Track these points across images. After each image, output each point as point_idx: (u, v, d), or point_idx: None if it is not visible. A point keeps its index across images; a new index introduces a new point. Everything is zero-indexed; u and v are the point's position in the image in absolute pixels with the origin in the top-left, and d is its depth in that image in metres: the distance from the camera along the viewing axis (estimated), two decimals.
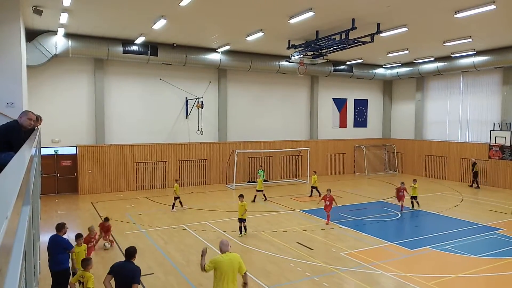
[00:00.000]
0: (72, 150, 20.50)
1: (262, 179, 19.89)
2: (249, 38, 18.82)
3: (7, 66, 11.95)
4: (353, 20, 15.56)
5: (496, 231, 13.83)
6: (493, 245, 12.37)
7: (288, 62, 22.49)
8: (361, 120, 30.60)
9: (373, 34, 16.57)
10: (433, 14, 14.98)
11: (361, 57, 24.82)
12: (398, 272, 9.98)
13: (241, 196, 13.54)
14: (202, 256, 6.55)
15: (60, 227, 8.08)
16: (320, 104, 28.30)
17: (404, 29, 16.72)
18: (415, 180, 18.15)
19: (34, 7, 13.91)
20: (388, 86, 31.27)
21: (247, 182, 24.36)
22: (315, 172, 20.82)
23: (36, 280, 7.38)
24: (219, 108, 24.30)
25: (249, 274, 9.82)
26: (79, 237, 8.39)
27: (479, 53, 22.67)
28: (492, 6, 13.51)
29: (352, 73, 27.51)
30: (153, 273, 9.89)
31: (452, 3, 13.71)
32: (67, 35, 18.58)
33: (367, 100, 30.70)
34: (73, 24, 16.96)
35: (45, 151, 19.40)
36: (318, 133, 28.26)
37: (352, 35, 16.67)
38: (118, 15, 15.68)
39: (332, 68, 26.40)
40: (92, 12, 15.25)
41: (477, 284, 9.42)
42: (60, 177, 20.37)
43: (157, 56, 20.64)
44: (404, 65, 27.74)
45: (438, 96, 27.63)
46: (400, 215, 16.25)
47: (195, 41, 20.64)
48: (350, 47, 18.11)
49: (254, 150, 24.60)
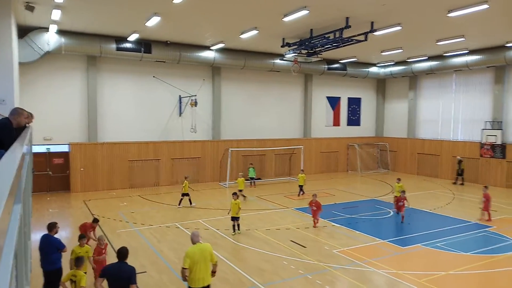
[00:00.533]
0: (65, 148, 20.35)
1: (243, 179, 19.12)
2: (243, 36, 18.80)
3: None
4: (347, 18, 15.61)
5: (486, 229, 13.98)
6: (483, 242, 12.51)
7: (282, 60, 22.53)
8: (354, 119, 30.72)
9: (367, 32, 16.63)
10: (427, 13, 15.07)
11: (355, 55, 24.91)
12: (390, 270, 10.05)
13: (234, 194, 13.64)
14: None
15: (51, 227, 8.00)
16: (314, 102, 28.37)
17: (398, 28, 16.80)
18: (399, 179, 17.75)
19: (26, 4, 13.77)
20: (381, 84, 31.42)
21: None
22: (303, 171, 20.82)
23: (27, 279, 7.32)
24: (213, 106, 24.25)
25: (243, 272, 9.87)
26: (82, 237, 8.17)
27: (472, 52, 22.88)
28: (485, 6, 13.62)
29: (345, 71, 27.59)
30: (146, 272, 9.87)
31: (445, 3, 13.80)
32: (60, 32, 18.41)
33: (360, 98, 30.83)
34: (65, 20, 16.82)
35: (37, 148, 19.25)
36: (311, 131, 28.33)
37: (346, 33, 16.73)
38: (111, 12, 15.57)
39: (326, 66, 26.46)
40: (84, 8, 15.12)
41: (468, 281, 9.52)
42: (52, 175, 20.21)
43: (150, 53, 20.55)
44: (397, 64, 27.88)
45: (431, 95, 27.82)
46: (392, 213, 16.36)
47: (189, 39, 20.57)
48: (344, 46, 18.17)
49: (248, 148, 24.59)
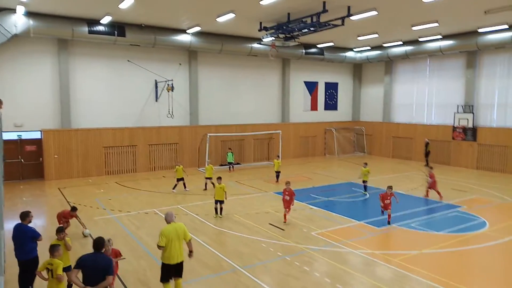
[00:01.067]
0: (37, 135, 19.75)
1: (211, 166, 18.22)
2: (220, 19, 18.52)
3: None
4: (324, 3, 15.59)
5: (458, 209, 14.52)
6: (455, 221, 13.00)
7: (260, 44, 22.38)
8: (331, 103, 31.01)
9: (344, 17, 16.68)
10: None
11: (332, 40, 24.98)
12: (366, 250, 10.34)
13: (219, 178, 13.74)
14: None
15: (25, 216, 7.78)
16: (291, 87, 28.42)
17: (374, 12, 16.90)
18: (365, 163, 17.73)
19: None
20: (358, 69, 31.73)
21: (220, 166, 24.34)
22: (279, 157, 20.82)
23: (1, 269, 7.17)
24: (190, 91, 23.95)
25: (222, 256, 9.94)
26: (60, 231, 7.69)
27: (445, 37, 23.35)
28: None
29: (323, 56, 27.68)
30: (125, 258, 9.78)
31: None
32: (28, 14, 17.65)
33: (337, 83, 31.09)
34: (33, 1, 16.12)
35: (7, 136, 18.63)
36: (289, 116, 28.45)
37: (323, 18, 16.73)
38: None
39: (304, 51, 26.45)
40: None
41: (440, 259, 9.90)
42: (25, 162, 19.63)
43: (124, 37, 19.99)
44: (373, 48, 28.17)
45: (406, 79, 28.32)
46: (368, 195, 16.74)
47: (164, 22, 20.11)
48: (321, 30, 18.19)
49: (226, 134, 24.51)
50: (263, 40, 20.60)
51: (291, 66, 28.12)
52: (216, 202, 13.45)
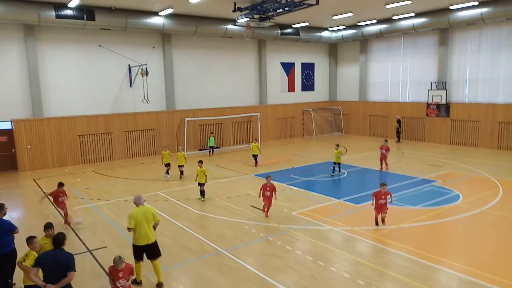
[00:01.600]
0: (7, 125, 19.04)
1: (183, 153, 17.22)
2: (193, 1, 18.08)
3: None
4: None
5: (432, 183, 14.97)
6: (430, 196, 13.40)
7: (235, 25, 22.05)
8: (308, 84, 31.09)
9: None
10: None
11: (307, 20, 24.86)
12: (346, 227, 10.57)
13: (200, 162, 13.73)
14: None
15: None
16: (268, 68, 28.28)
17: None
18: (337, 145, 17.36)
19: None
20: (333, 49, 31.80)
21: (199, 150, 24.21)
22: (256, 140, 20.53)
23: None
24: (165, 75, 23.49)
25: (205, 239, 9.98)
26: (48, 227, 7.32)
27: (418, 15, 23.59)
28: None
29: (298, 36, 27.55)
30: (106, 247, 9.71)
31: None
32: None
33: (313, 63, 31.11)
34: None
35: None
36: (267, 98, 28.39)
37: None
38: None
39: (279, 31, 26.25)
40: None
41: (417, 232, 10.23)
42: None
43: (94, 20, 19.29)
44: (348, 28, 28.21)
45: (381, 58, 28.60)
46: (346, 174, 17.03)
47: (135, 4, 19.49)
48: (296, 10, 18.02)
49: (204, 118, 24.30)
50: (237, 21, 20.30)
51: (267, 47, 27.90)
52: (200, 184, 13.54)
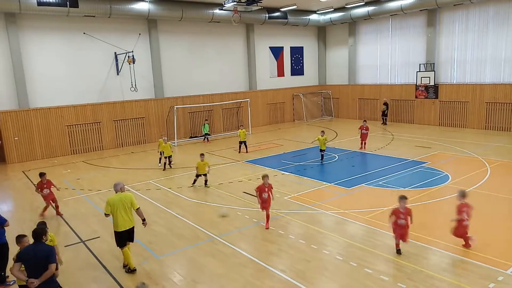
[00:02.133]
0: None
1: (169, 144, 16.34)
2: None
3: None
4: None
5: (422, 165, 15.15)
6: (420, 177, 13.58)
7: (222, 10, 21.72)
8: (298, 68, 30.95)
9: None
10: None
11: (294, 3, 24.58)
12: (337, 210, 10.68)
13: (202, 155, 13.81)
14: None
15: None
16: (257, 53, 28.03)
17: None
18: (323, 131, 16.79)
19: None
20: (322, 32, 31.60)
21: (189, 138, 24.10)
22: (242, 126, 20.37)
23: None
24: (152, 62, 23.15)
25: (198, 226, 10.01)
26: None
27: None
28: None
29: (286, 20, 27.29)
30: (99, 237, 9.70)
31: None
32: None
33: (302, 47, 30.92)
34: None
35: None
36: (257, 83, 28.23)
37: None
38: None
39: (267, 15, 25.96)
40: None
41: None
42: None
43: (77, 7, 18.82)
44: (336, 10, 28.01)
45: (369, 40, 28.52)
46: (337, 157, 17.13)
47: None
48: None
49: (194, 105, 24.12)
50: (224, 5, 19.99)
51: (255, 31, 27.60)
52: (198, 175, 13.60)
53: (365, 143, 18.67)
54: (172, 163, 16.71)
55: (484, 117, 22.64)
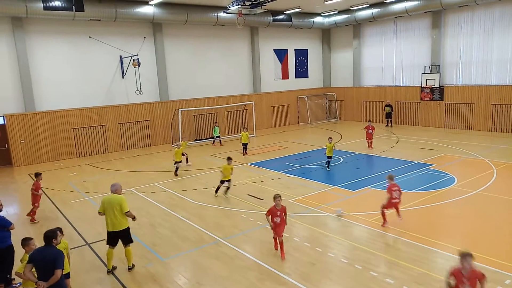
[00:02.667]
0: (0, 120, 18.91)
1: (181, 150, 16.11)
2: None
3: None
4: None
5: (428, 167, 15.07)
6: (425, 180, 13.50)
7: (226, 13, 21.80)
8: (302, 71, 30.94)
9: None
10: None
11: (298, 6, 24.63)
12: (342, 213, 10.63)
13: (229, 158, 12.92)
14: None
15: None
16: (261, 56, 28.07)
17: None
18: (330, 138, 15.94)
19: None
20: (326, 34, 31.59)
21: (194, 141, 24.15)
22: (246, 129, 20.33)
23: None
24: (157, 65, 23.26)
25: (203, 229, 10.01)
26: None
27: None
28: None
29: (291, 23, 27.32)
30: (104, 239, 9.70)
31: None
32: None
33: (307, 50, 30.92)
34: None
35: None
36: (261, 86, 28.25)
37: None
38: None
39: (271, 18, 26.01)
40: None
41: (413, 216, 10.32)
42: None
43: (83, 11, 19.00)
44: (341, 12, 28.00)
45: (374, 42, 28.47)
46: (342, 160, 17.08)
47: None
48: None
49: (199, 108, 24.18)
50: (229, 8, 20.06)
51: (259, 34, 27.66)
52: (223, 182, 12.77)
53: (371, 142, 19.31)
54: (189, 163, 17.44)
55: (490, 119, 22.48)
